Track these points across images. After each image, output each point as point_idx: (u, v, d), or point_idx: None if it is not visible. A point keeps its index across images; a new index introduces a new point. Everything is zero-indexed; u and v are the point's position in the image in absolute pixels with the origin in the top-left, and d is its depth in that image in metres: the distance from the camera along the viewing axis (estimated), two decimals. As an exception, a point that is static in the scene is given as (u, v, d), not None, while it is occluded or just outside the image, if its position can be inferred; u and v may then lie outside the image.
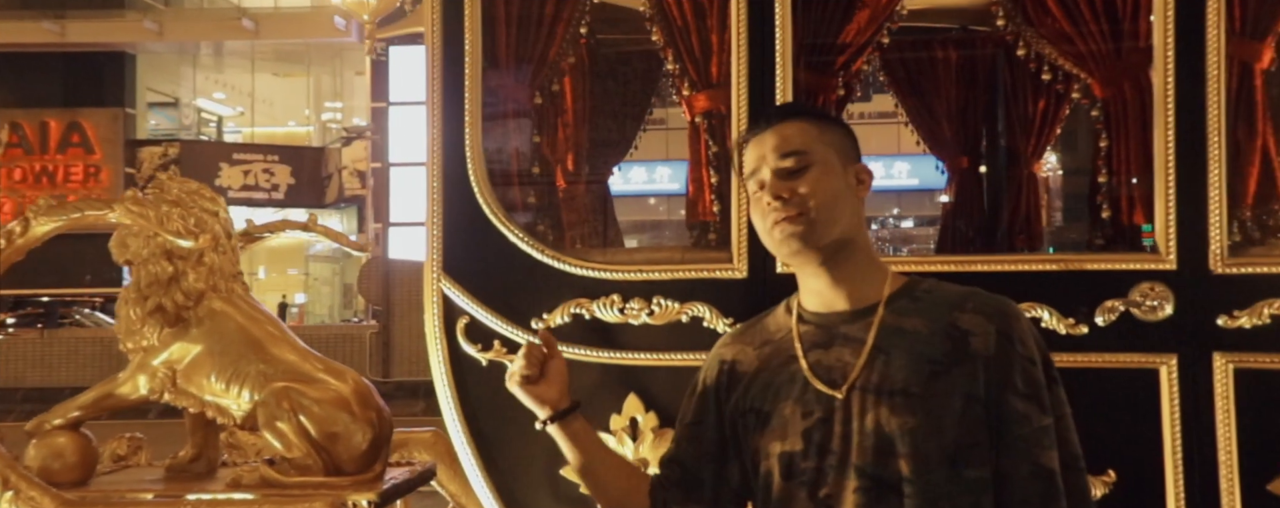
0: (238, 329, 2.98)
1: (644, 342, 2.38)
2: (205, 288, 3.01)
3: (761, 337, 1.56)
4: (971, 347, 1.40)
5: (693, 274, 2.38)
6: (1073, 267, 2.28)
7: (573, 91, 3.22)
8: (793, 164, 1.46)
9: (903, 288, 1.49)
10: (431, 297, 2.43)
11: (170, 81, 21.08)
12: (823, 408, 1.43)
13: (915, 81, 3.69)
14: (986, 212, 3.73)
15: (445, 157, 2.43)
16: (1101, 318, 2.26)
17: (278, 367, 2.93)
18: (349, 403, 2.91)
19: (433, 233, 2.42)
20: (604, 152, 3.56)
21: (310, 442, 2.89)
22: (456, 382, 2.41)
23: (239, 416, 2.99)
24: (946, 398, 1.38)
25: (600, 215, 3.47)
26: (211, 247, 3.07)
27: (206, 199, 3.11)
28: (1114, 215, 2.37)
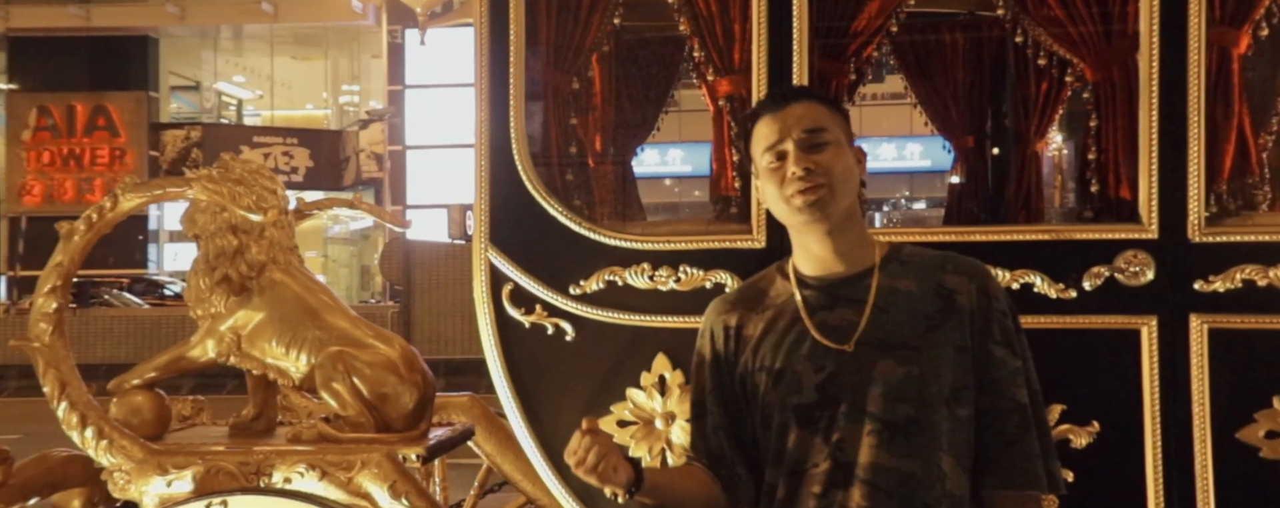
0: (295, 298, 3.22)
1: (671, 306, 2.60)
2: (266, 260, 3.25)
3: (762, 302, 1.71)
4: (958, 303, 1.62)
5: (716, 244, 2.61)
6: (1063, 236, 2.50)
7: (601, 76, 3.44)
8: (817, 139, 1.63)
9: (890, 253, 1.69)
10: (480, 265, 2.67)
11: (192, 65, 21.21)
12: (833, 362, 1.61)
13: (924, 65, 3.87)
14: (991, 189, 3.93)
15: (492, 137, 2.65)
16: (1088, 283, 2.47)
17: (332, 333, 3.16)
18: (397, 366, 3.15)
19: (480, 207, 2.66)
20: (628, 133, 3.77)
21: (363, 401, 3.13)
22: (502, 342, 2.65)
23: (298, 377, 3.23)
24: (942, 348, 1.59)
25: (623, 193, 3.70)
26: (271, 221, 3.32)
27: (266, 178, 3.35)
28: (1102, 189, 2.59)
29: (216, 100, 21.88)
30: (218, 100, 21.96)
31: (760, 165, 1.67)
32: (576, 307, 2.64)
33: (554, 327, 2.66)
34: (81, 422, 2.91)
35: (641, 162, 3.86)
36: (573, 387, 2.65)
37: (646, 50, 3.73)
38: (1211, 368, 2.43)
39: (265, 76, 21.82)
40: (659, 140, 3.85)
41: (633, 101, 3.75)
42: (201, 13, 19.49)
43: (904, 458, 1.57)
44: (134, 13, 19.12)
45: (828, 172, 1.60)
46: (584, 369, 2.65)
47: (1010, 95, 3.91)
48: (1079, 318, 2.47)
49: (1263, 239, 2.41)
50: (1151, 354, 2.45)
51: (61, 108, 19.91)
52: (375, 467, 2.94)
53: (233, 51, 21.49)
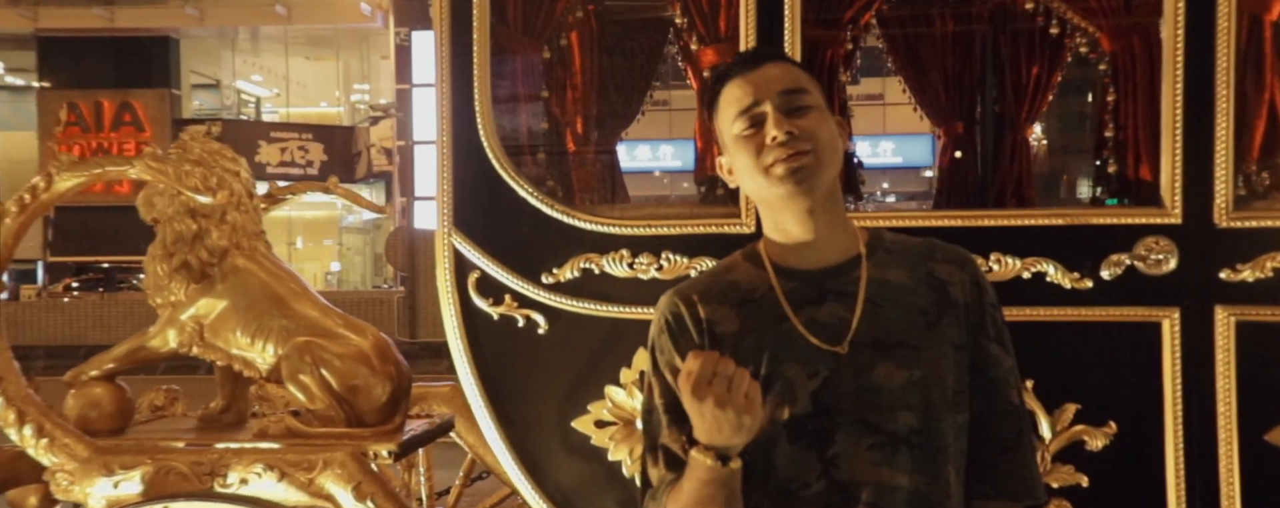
0: (261, 285, 2.86)
1: (653, 296, 2.15)
2: (228, 245, 2.88)
3: (735, 294, 1.32)
4: (951, 295, 1.30)
5: (701, 229, 2.19)
6: (1078, 221, 2.09)
7: (582, 59, 3.01)
8: (798, 101, 1.28)
9: (874, 239, 1.35)
10: (443, 251, 2.25)
11: (212, 64, 20.98)
12: (827, 366, 1.25)
13: (913, 49, 3.46)
14: (981, 175, 3.51)
15: (455, 110, 2.23)
16: (1107, 272, 2.06)
17: (300, 322, 2.81)
18: (369, 357, 2.80)
19: (443, 187, 2.23)
20: (611, 120, 3.35)
21: (332, 394, 2.77)
22: (469, 335, 2.23)
23: (264, 369, 2.88)
24: (941, 347, 1.27)
25: (609, 182, 3.28)
26: (233, 205, 2.91)
27: (228, 159, 2.94)
28: (1120, 170, 2.16)
29: (236, 98, 21.59)
30: (237, 98, 21.67)
31: (730, 134, 1.31)
32: (549, 297, 2.23)
33: (525, 319, 2.24)
34: (19, 419, 2.50)
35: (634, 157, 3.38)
36: (546, 384, 2.23)
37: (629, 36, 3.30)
38: (1238, 364, 2.04)
39: (281, 75, 21.44)
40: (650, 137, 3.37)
41: (615, 88, 3.32)
42: (219, 15, 19.04)
43: (909, 474, 1.24)
44: (156, 14, 18.82)
45: (812, 137, 1.27)
46: (558, 365, 2.24)
47: (1000, 80, 3.49)
48: (1095, 310, 2.07)
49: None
50: (1173, 349, 2.06)
51: (89, 104, 19.63)
52: (339, 467, 2.53)
53: (250, 52, 21.11)
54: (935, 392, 1.25)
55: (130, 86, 19.52)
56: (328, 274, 20.49)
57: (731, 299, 1.31)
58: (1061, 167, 8.55)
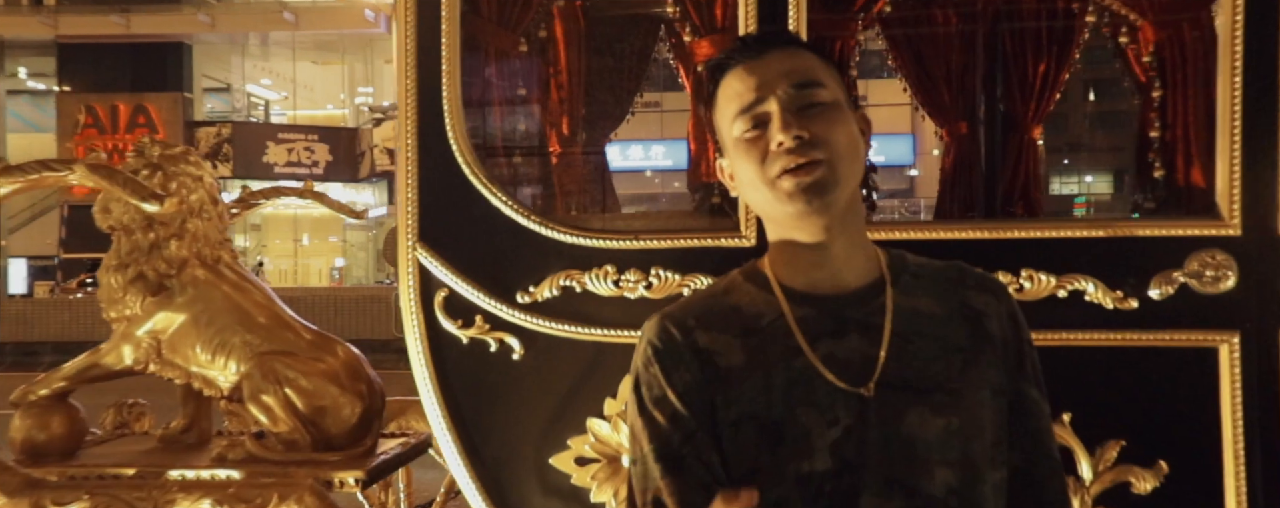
0: (223, 298, 2.53)
1: (641, 318, 1.80)
2: (188, 255, 2.54)
3: (737, 322, 1.02)
4: (988, 330, 1.03)
5: (695, 242, 1.83)
6: (1123, 233, 1.73)
7: (567, 54, 2.64)
8: (811, 97, 0.98)
9: (895, 261, 1.07)
10: (406, 267, 1.88)
11: (223, 69, 21.01)
12: (850, 412, 0.97)
13: (915, 46, 3.10)
14: (986, 178, 3.16)
15: (420, 110, 1.86)
16: (1155, 291, 1.71)
17: (264, 337, 2.49)
18: (338, 375, 2.48)
19: (406, 196, 1.87)
20: (600, 120, 2.98)
21: (297, 415, 2.43)
22: (435, 361, 1.87)
23: (226, 387, 2.55)
24: (979, 391, 1.01)
25: (598, 185, 2.91)
26: (194, 213, 2.56)
27: (190, 164, 2.59)
28: (1168, 175, 1.81)
29: (246, 101, 21.55)
30: (247, 101, 21.62)
31: (730, 136, 1.02)
32: (525, 318, 1.87)
33: (497, 343, 1.89)
34: (-60, 450, 2.12)
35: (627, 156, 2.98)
36: (521, 416, 1.87)
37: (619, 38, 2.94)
38: (1307, 395, 1.67)
39: (289, 79, 21.26)
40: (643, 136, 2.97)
41: (604, 87, 2.96)
42: (230, 22, 18.78)
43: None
44: (170, 22, 18.75)
45: (827, 143, 0.98)
46: (534, 395, 1.88)
47: (1005, 77, 3.13)
48: (1142, 334, 1.72)
49: (1373, 236, 1.64)
50: (1233, 378, 1.71)
51: (106, 107, 19.64)
52: (295, 503, 2.17)
53: (260, 57, 20.95)
54: (975, 445, 0.99)
55: (145, 90, 19.55)
56: (333, 270, 20.20)
57: (734, 326, 1.02)
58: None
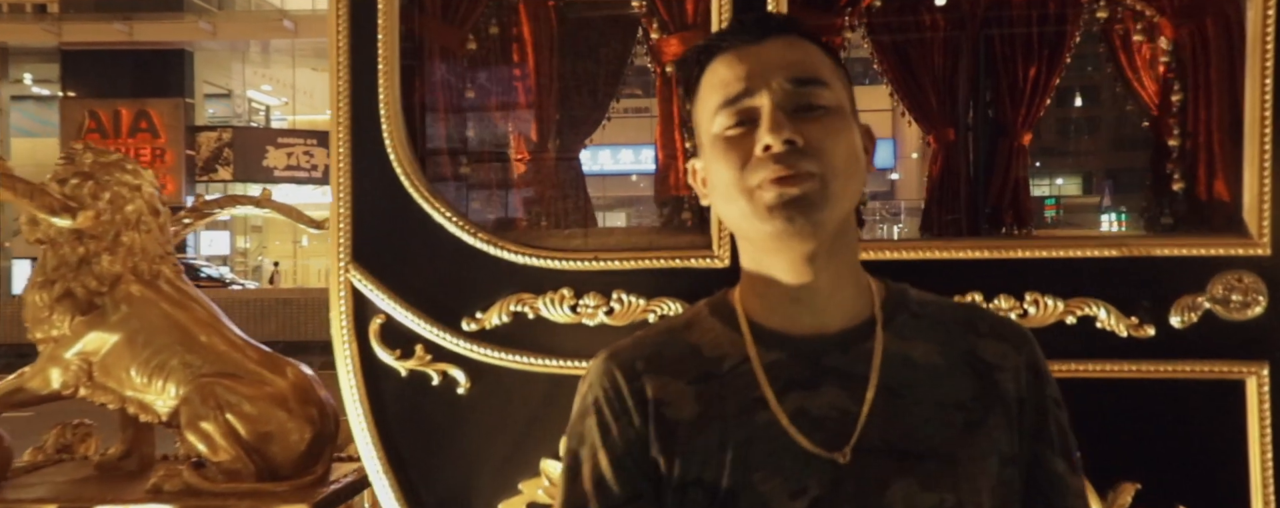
0: (162, 317, 2.26)
1: (602, 347, 1.55)
2: (122, 271, 2.27)
3: (694, 365, 0.82)
4: (1001, 386, 0.81)
5: (662, 263, 1.56)
6: (1139, 252, 1.47)
7: (537, 58, 2.36)
8: (809, 97, 0.77)
9: (892, 298, 0.84)
10: (338, 291, 1.60)
11: (223, 75, 20.95)
12: (820, 482, 0.77)
13: (902, 50, 2.83)
14: (974, 185, 2.89)
15: (354, 115, 1.58)
16: (1176, 318, 1.45)
17: (206, 358, 2.23)
18: (286, 399, 2.22)
19: (338, 211, 1.58)
20: (573, 125, 2.70)
21: (240, 443, 2.17)
22: (370, 396, 1.59)
23: (164, 412, 2.29)
24: (983, 460, 0.79)
25: (572, 194, 2.63)
26: (130, 224, 2.28)
27: (126, 171, 2.30)
28: (1189, 187, 1.54)
29: (246, 106, 21.41)
30: (247, 106, 21.51)
31: (710, 131, 0.80)
32: (471, 348, 1.60)
33: (441, 375, 1.61)
34: None
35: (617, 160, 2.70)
36: (467, 457, 1.60)
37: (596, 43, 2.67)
38: (1344, 434, 1.41)
39: (289, 85, 21.05)
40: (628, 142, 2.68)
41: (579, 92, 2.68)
42: (231, 29, 18.72)
43: None
44: (171, 29, 18.78)
45: (823, 154, 0.76)
46: (482, 434, 1.60)
47: (995, 83, 2.86)
48: (1160, 365, 1.46)
49: None
50: (1261, 413, 1.46)
51: (108, 112, 19.54)
52: (229, 544, 1.90)
53: (260, 63, 20.78)
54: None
55: (147, 96, 19.51)
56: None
57: (689, 371, 0.82)
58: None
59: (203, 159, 18.58)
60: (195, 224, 2.90)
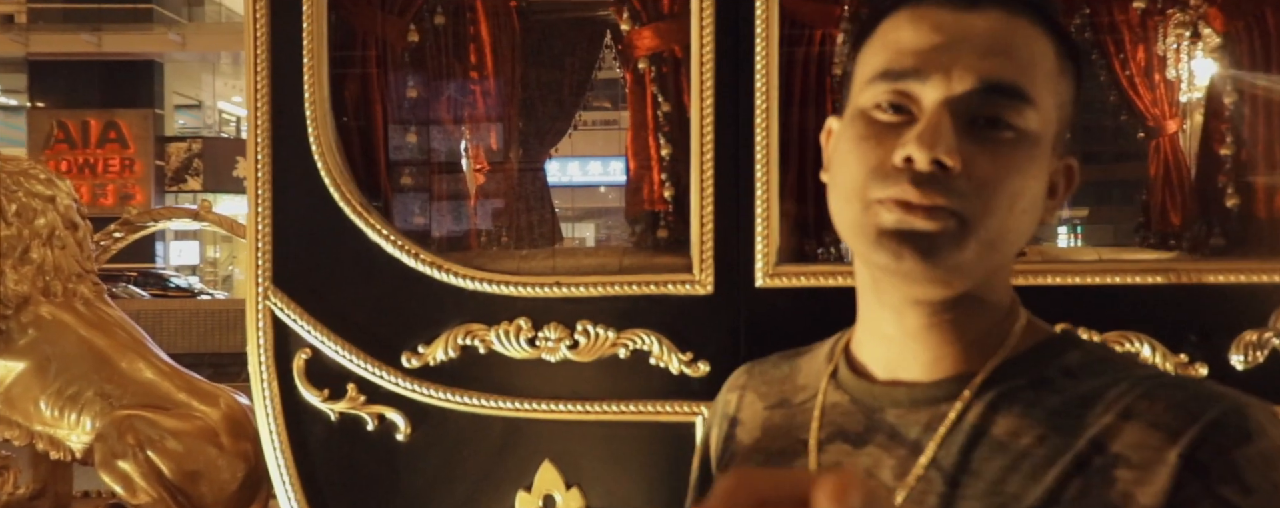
0: (77, 342, 2.03)
1: (564, 387, 1.31)
2: (29, 291, 2.00)
3: (782, 388, 0.70)
4: (1117, 488, 0.53)
5: (634, 289, 1.31)
6: (1189, 280, 1.24)
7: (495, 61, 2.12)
8: (1000, 110, 0.54)
9: (1028, 355, 0.59)
10: (255, 321, 1.32)
11: (194, 86, 20.88)
12: None
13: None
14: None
15: (275, 121, 1.31)
16: (1238, 356, 1.22)
17: (126, 388, 2.02)
18: (216, 433, 1.99)
19: (256, 229, 1.31)
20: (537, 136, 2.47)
21: (162, 483, 1.94)
22: (293, 443, 1.32)
23: (78, 449, 2.04)
24: None
25: (537, 207, 2.39)
26: (40, 239, 2.01)
27: (37, 181, 2.03)
28: (1244, 205, 1.32)
29: (217, 117, 21.01)
30: (218, 117, 21.12)
31: (856, 101, 0.58)
32: (412, 388, 1.34)
33: (376, 419, 1.35)
34: None
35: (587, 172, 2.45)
36: (406, 516, 1.32)
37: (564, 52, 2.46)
38: None
39: None
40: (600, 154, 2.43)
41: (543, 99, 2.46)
42: (201, 41, 18.26)
43: None
44: (140, 40, 18.67)
45: (982, 190, 0.53)
46: (425, 487, 1.34)
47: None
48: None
49: None
50: (1327, 468, 1.20)
51: (77, 123, 19.27)
52: (137, 599, 1.64)
53: (232, 75, 20.62)
54: None
55: (116, 106, 19.29)
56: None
57: (773, 395, 0.69)
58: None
59: (172, 169, 18.34)
60: (128, 238, 2.63)
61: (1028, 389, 0.59)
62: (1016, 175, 0.55)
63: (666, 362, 1.32)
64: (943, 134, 0.54)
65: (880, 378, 0.63)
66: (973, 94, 0.55)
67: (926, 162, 0.54)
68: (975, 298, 0.58)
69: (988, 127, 0.55)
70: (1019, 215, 0.56)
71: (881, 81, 0.57)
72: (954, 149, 0.54)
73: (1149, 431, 0.55)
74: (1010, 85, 0.55)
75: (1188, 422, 0.55)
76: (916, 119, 0.56)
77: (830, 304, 1.31)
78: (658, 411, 1.32)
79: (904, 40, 0.58)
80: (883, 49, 0.59)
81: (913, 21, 0.58)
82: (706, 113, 1.30)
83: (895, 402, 0.62)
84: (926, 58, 0.56)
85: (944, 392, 0.60)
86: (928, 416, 0.60)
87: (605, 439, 1.33)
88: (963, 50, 0.56)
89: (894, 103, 0.57)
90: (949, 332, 0.60)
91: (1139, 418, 0.56)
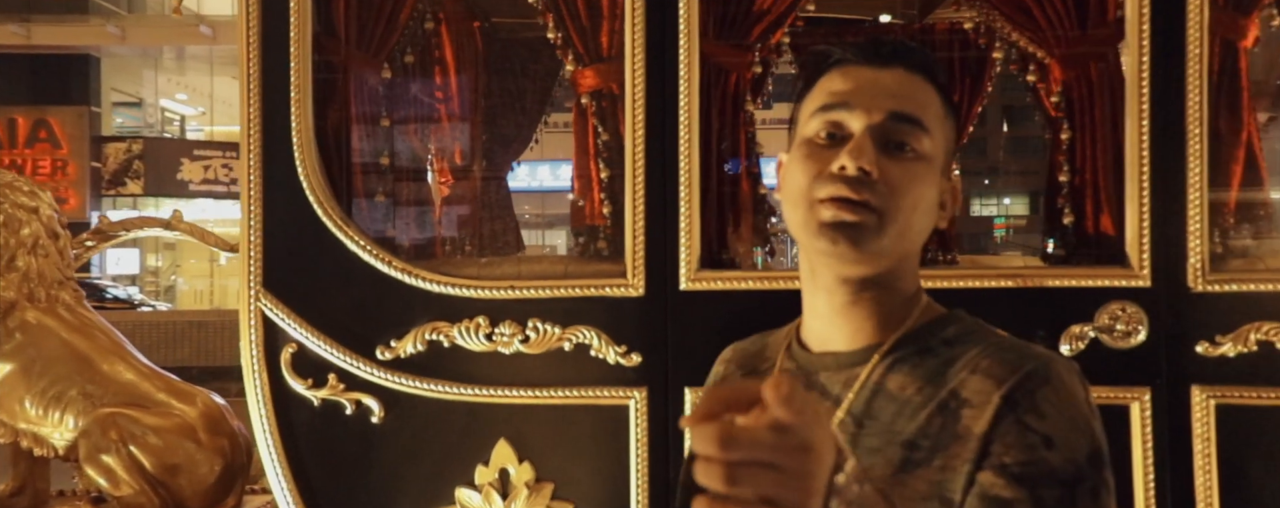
0: (60, 345, 2.26)
1: (517, 375, 1.64)
2: (15, 297, 2.26)
3: (753, 361, 0.98)
4: (961, 425, 0.79)
5: (577, 292, 1.65)
6: (1031, 283, 1.61)
7: (459, 77, 2.44)
8: (904, 135, 0.82)
9: (920, 330, 0.86)
10: (247, 319, 1.64)
11: (134, 83, 19.86)
12: None
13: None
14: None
15: (266, 141, 1.63)
16: (1065, 346, 1.59)
17: (108, 388, 2.23)
18: (194, 430, 2.22)
19: (248, 239, 1.63)
20: (501, 146, 2.78)
21: (144, 477, 2.17)
22: (281, 426, 1.63)
23: (61, 446, 2.27)
24: (918, 502, 0.79)
25: (501, 214, 2.71)
26: (25, 248, 2.28)
27: (22, 193, 2.30)
28: (1077, 221, 1.70)
29: (159, 116, 20.31)
30: (160, 116, 20.39)
31: (802, 132, 0.88)
32: (385, 377, 1.66)
33: (354, 405, 1.66)
34: None
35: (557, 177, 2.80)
36: (380, 487, 1.65)
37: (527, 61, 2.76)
38: (1220, 454, 1.58)
39: (206, 94, 20.26)
40: None
41: (506, 111, 2.77)
42: (142, 34, 17.67)
43: None
44: (74, 33, 17.59)
45: (893, 193, 0.82)
46: (396, 463, 1.66)
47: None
48: (1052, 391, 1.58)
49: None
50: (1144, 437, 1.61)
51: (2, 121, 18.29)
52: (121, 589, 1.90)
53: (175, 70, 19.97)
54: None
55: (47, 103, 18.32)
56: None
57: (748, 365, 0.97)
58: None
59: (110, 172, 17.80)
60: (99, 246, 2.87)
61: (916, 355, 0.83)
62: (917, 184, 0.81)
63: (604, 353, 1.65)
64: (866, 150, 0.79)
65: (815, 350, 0.88)
66: (886, 122, 0.81)
67: (855, 169, 0.79)
68: (888, 280, 0.84)
69: (896, 148, 0.81)
70: (920, 216, 0.81)
71: (820, 113, 0.83)
72: (874, 161, 0.79)
73: (985, 380, 0.79)
74: (911, 116, 0.81)
75: (1011, 373, 0.79)
76: (845, 142, 0.82)
77: (741, 304, 1.65)
78: (597, 395, 1.65)
79: (837, 87, 0.84)
80: (821, 94, 0.85)
81: (842, 76, 0.84)
82: (639, 142, 1.64)
83: (825, 367, 0.86)
84: (852, 96, 0.82)
85: (858, 358, 0.84)
86: (846, 376, 0.84)
87: (552, 420, 1.65)
88: (878, 93, 0.82)
89: (829, 132, 0.83)
90: (867, 308, 0.84)
91: (980, 371, 0.80)
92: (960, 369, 0.82)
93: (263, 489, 2.43)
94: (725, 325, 1.54)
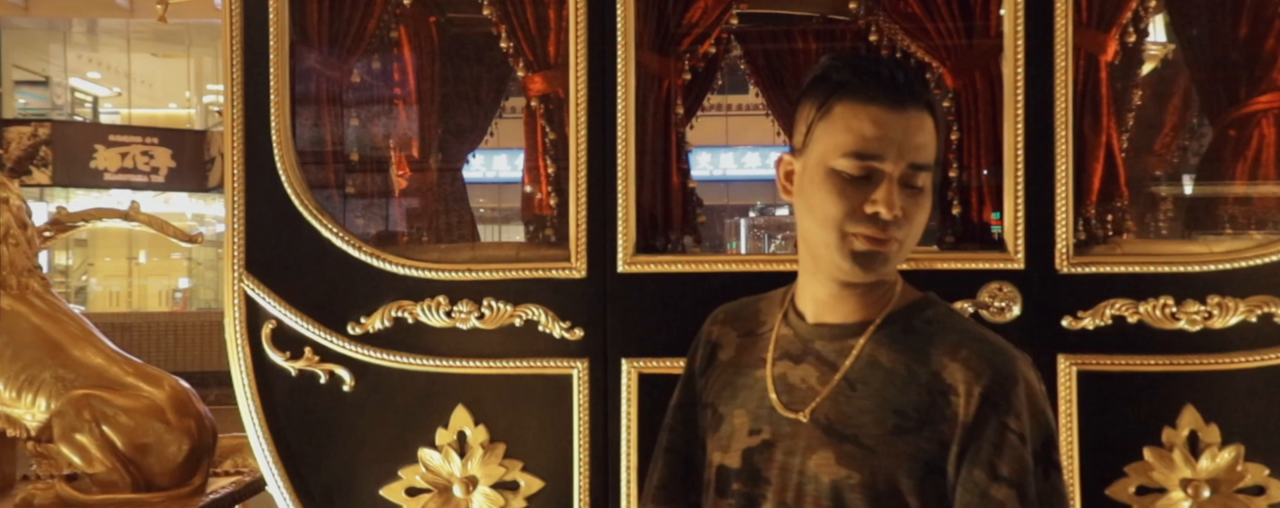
0: (32, 331, 2.57)
1: (473, 348, 2.05)
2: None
3: (749, 323, 1.25)
4: (949, 407, 1.07)
5: (527, 274, 2.07)
6: (922, 266, 2.07)
7: (417, 74, 2.85)
8: (918, 179, 1.10)
9: (904, 309, 1.15)
10: (232, 298, 2.04)
11: (39, 59, 19.09)
12: (772, 429, 1.14)
13: (776, 71, 3.45)
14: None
15: (248, 136, 2.03)
16: (951, 320, 2.05)
17: (79, 372, 2.54)
18: (163, 411, 2.54)
19: (233, 226, 2.03)
20: (456, 139, 3.19)
21: (116, 455, 2.50)
22: (262, 395, 2.03)
23: (34, 427, 2.59)
24: (904, 462, 1.07)
25: (456, 206, 3.11)
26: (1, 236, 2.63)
27: (-7, 184, 2.64)
28: (964, 212, 2.16)
29: (69, 97, 19.78)
30: (71, 97, 19.85)
31: (828, 161, 1.09)
32: (356, 350, 2.06)
33: (328, 375, 2.07)
34: None
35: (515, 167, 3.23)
36: (351, 448, 2.06)
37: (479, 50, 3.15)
38: (1081, 416, 2.04)
39: (123, 73, 19.88)
40: None
41: (461, 103, 3.16)
42: (49, 6, 17.20)
43: None
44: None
45: (909, 225, 1.10)
46: (365, 426, 2.06)
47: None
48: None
49: (1133, 270, 2.03)
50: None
51: None
52: (101, 557, 2.27)
53: (87, 46, 19.50)
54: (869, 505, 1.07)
55: None
56: (175, 292, 19.15)
57: (744, 326, 1.24)
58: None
59: (13, 159, 17.46)
60: (54, 238, 3.22)
61: (902, 332, 1.11)
62: (923, 213, 1.09)
63: (551, 329, 2.07)
64: (895, 197, 1.05)
65: (811, 321, 1.15)
66: (908, 171, 1.06)
67: (891, 215, 1.05)
68: (876, 282, 1.12)
69: (910, 188, 1.07)
70: (917, 234, 1.10)
71: (852, 157, 1.06)
72: (899, 206, 1.05)
73: (964, 370, 1.06)
74: (923, 163, 1.07)
75: (986, 368, 1.06)
76: (873, 182, 1.06)
77: (672, 284, 2.08)
78: (544, 366, 2.04)
79: (867, 133, 1.05)
80: (850, 132, 1.06)
81: (870, 119, 1.05)
82: (582, 141, 2.06)
83: (821, 336, 1.13)
84: (881, 147, 1.05)
85: (852, 331, 1.12)
86: (841, 346, 1.12)
87: (504, 388, 2.04)
88: (904, 142, 1.06)
89: (863, 173, 1.06)
90: (861, 293, 1.12)
91: (959, 360, 1.07)
92: (941, 353, 1.09)
93: (226, 472, 2.82)
94: (658, 304, 1.99)
